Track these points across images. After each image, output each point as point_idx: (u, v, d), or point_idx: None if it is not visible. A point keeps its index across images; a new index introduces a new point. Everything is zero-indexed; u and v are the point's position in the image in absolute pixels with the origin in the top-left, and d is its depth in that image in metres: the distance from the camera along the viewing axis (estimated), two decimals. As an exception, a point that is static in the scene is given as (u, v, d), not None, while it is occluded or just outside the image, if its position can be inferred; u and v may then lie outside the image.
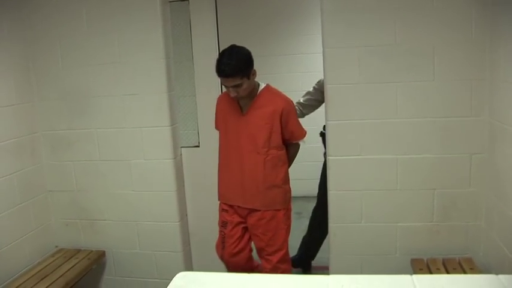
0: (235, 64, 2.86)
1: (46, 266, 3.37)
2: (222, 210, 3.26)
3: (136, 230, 3.53)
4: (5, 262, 3.16)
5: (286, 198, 3.20)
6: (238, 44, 3.02)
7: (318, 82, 3.94)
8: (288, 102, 3.13)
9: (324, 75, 3.05)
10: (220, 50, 3.07)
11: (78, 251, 3.60)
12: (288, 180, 3.22)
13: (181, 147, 3.54)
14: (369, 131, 3.02)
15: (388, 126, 2.99)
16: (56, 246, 3.68)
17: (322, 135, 4.00)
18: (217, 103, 3.26)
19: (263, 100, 3.08)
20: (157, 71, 3.27)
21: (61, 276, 3.21)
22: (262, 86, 3.13)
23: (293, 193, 3.32)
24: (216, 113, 3.26)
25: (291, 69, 5.78)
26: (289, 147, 3.21)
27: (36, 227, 3.49)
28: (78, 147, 3.52)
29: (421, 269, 2.92)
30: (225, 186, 3.22)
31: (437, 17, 2.84)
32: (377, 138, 3.02)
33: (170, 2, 3.35)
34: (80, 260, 3.44)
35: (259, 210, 3.11)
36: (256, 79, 3.07)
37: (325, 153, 3.99)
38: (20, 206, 3.33)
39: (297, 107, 3.84)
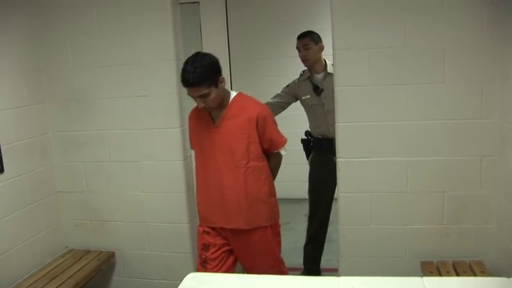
0: (200, 72, 2.65)
1: (56, 266, 3.39)
2: (202, 232, 3.01)
3: (146, 231, 3.54)
4: (16, 262, 3.19)
5: (273, 213, 2.99)
6: (247, 45, 3.01)
7: (288, 86, 4.01)
8: (263, 107, 2.95)
9: (334, 77, 3.05)
10: (230, 52, 3.06)
11: (88, 251, 3.62)
12: (274, 193, 3.02)
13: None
14: (378, 133, 3.01)
15: (398, 128, 2.98)
16: (66, 247, 3.70)
17: (303, 141, 4.00)
18: (188, 121, 3.08)
19: (236, 109, 2.86)
20: (168, 72, 3.28)
21: (71, 276, 3.23)
22: (233, 94, 2.92)
23: (300, 195, 3.31)
24: (189, 131, 3.10)
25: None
26: (270, 158, 2.99)
27: (47, 227, 3.52)
28: (89, 149, 3.54)
29: (431, 272, 2.91)
30: (205, 208, 2.99)
31: (447, 18, 2.83)
32: (387, 140, 3.01)
33: (180, 3, 3.36)
34: (89, 261, 3.46)
35: (245, 231, 2.90)
36: (265, 81, 3.05)
37: (311, 161, 4.00)
38: (31, 207, 3.35)
39: None
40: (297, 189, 4.03)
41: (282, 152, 3.00)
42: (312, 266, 4.04)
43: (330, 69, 3.80)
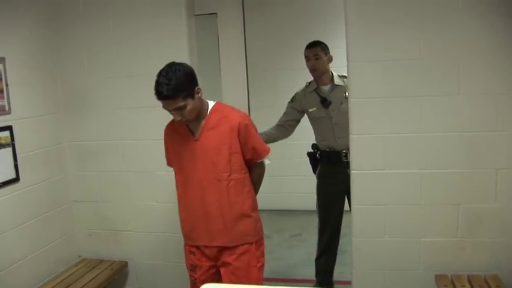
0: (174, 84, 2.47)
1: (69, 275, 3.42)
2: (189, 252, 2.85)
3: (159, 241, 3.55)
4: (30, 270, 3.22)
5: (258, 228, 2.80)
6: (265, 57, 2.98)
7: (292, 101, 3.92)
8: (244, 116, 2.77)
9: (348, 89, 3.05)
10: (248, 62, 3.02)
11: (101, 261, 3.63)
12: (257, 207, 2.84)
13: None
14: (392, 145, 3.00)
15: (413, 141, 2.97)
16: (79, 256, 3.72)
17: (310, 154, 3.95)
18: (164, 137, 2.89)
19: (215, 119, 2.69)
20: (182, 83, 3.30)
21: (84, 285, 3.25)
22: (211, 104, 2.74)
23: (313, 207, 3.23)
24: (165, 148, 2.90)
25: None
26: (253, 168, 2.81)
27: (60, 236, 3.55)
28: (103, 158, 3.57)
29: (445, 286, 2.88)
30: (189, 225, 2.80)
31: (462, 30, 2.83)
32: (401, 153, 3.00)
33: (197, 15, 3.39)
34: (102, 270, 3.48)
35: (230, 249, 2.72)
36: (283, 93, 2.98)
37: (319, 174, 3.96)
38: (46, 215, 3.39)
39: (273, 131, 3.81)
40: (310, 201, 3.99)
41: (266, 161, 2.83)
42: (324, 279, 4.01)
43: (337, 81, 3.76)
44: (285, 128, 3.90)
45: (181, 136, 2.76)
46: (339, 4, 3.40)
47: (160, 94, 2.51)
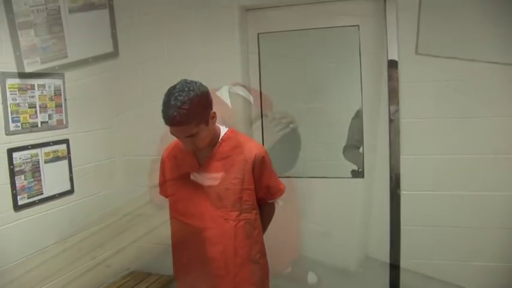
0: (187, 109, 2.06)
1: (117, 287, 3.47)
2: None
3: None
4: (80, 281, 3.29)
5: (264, 277, 2.45)
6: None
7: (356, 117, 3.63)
8: (260, 147, 2.42)
9: (400, 109, 3.05)
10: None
11: (149, 274, 3.68)
12: (265, 252, 2.48)
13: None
14: (443, 166, 2.98)
15: (464, 162, 2.94)
16: (128, 269, 3.78)
17: None
18: (162, 161, 2.54)
19: (227, 148, 2.33)
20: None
21: (132, 298, 3.30)
22: (224, 130, 2.39)
23: None
24: (161, 176, 2.56)
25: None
26: (262, 207, 2.47)
27: (110, 248, 3.62)
28: (153, 174, 3.63)
29: (497, 312, 2.82)
30: (182, 267, 2.46)
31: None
32: (452, 174, 2.97)
33: (337, 27, 3.36)
34: (150, 284, 3.52)
35: None
36: None
37: None
38: (97, 228, 3.47)
39: None
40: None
41: (280, 202, 2.52)
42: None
43: None
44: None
45: (185, 163, 2.40)
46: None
47: (170, 120, 2.09)
